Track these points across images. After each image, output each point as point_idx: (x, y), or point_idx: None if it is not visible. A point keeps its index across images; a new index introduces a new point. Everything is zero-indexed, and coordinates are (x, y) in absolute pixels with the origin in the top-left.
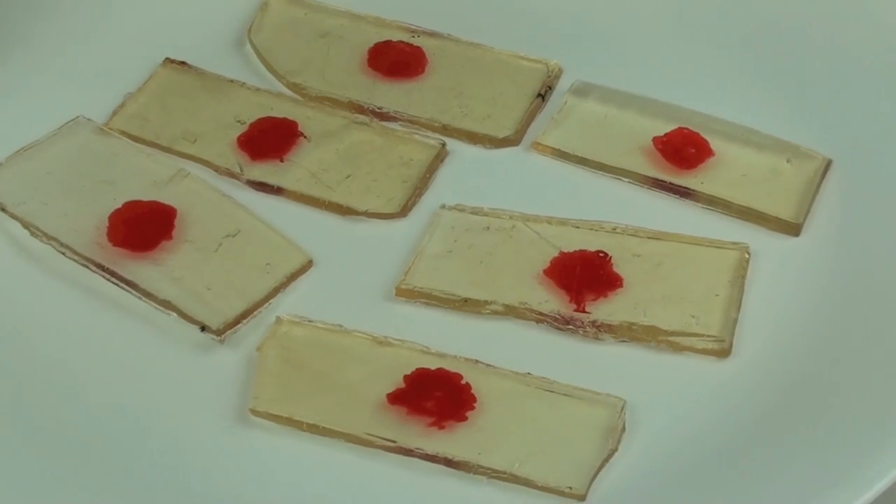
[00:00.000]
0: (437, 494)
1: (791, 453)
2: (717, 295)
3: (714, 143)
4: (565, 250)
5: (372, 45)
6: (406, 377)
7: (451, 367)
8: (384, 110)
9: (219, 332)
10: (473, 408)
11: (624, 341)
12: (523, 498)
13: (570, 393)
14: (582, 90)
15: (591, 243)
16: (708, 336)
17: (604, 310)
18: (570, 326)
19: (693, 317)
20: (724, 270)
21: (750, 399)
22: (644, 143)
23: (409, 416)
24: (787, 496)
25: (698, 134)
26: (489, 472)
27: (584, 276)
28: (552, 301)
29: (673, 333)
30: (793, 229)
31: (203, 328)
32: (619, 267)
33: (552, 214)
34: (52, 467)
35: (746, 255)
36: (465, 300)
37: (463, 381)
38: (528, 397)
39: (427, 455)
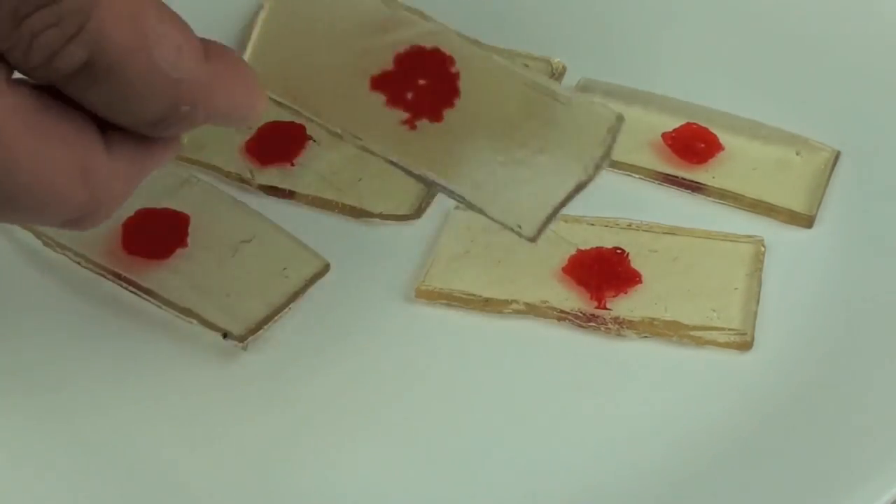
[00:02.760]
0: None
1: (818, 444)
2: (735, 288)
3: (722, 138)
4: (582, 248)
5: None
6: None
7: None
8: None
9: (241, 339)
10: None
11: (646, 337)
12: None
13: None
14: (587, 87)
15: (606, 240)
16: (730, 329)
17: (624, 306)
18: (593, 324)
19: (714, 311)
20: (740, 264)
21: (774, 390)
22: (653, 138)
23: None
24: (813, 489)
25: (707, 129)
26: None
27: (602, 273)
28: (573, 299)
29: (695, 328)
30: (805, 221)
31: (226, 335)
32: (636, 263)
33: (566, 212)
34: (74, 480)
35: (762, 248)
36: (487, 300)
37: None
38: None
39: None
